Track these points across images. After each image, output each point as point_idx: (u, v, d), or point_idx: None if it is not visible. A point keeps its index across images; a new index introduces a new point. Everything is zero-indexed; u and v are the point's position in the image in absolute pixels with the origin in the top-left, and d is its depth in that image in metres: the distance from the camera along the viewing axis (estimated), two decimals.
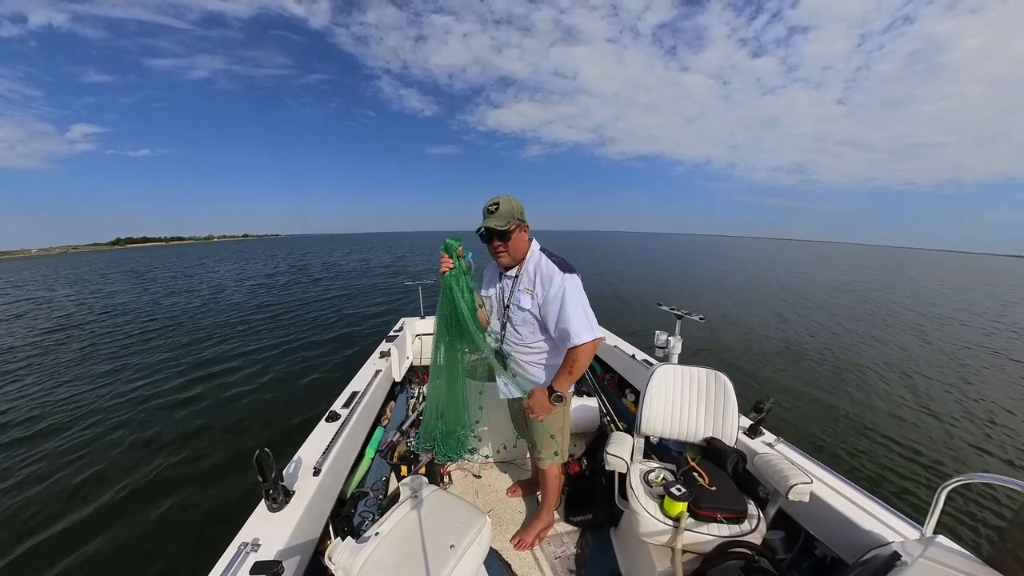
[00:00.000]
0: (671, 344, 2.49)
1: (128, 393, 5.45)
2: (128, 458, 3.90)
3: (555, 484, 1.95)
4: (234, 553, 1.19)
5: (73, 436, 4.30)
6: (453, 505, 1.44)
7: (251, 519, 1.34)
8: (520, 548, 1.95)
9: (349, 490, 1.98)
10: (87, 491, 3.41)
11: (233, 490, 3.37)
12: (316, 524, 1.52)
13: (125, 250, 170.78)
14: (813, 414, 4.90)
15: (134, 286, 17.64)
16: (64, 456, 3.93)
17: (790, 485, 1.39)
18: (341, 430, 1.92)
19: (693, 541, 1.42)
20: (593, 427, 2.72)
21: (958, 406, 5.28)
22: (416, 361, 3.54)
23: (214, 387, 5.60)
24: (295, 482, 1.53)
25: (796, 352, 7.39)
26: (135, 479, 3.56)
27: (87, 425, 4.54)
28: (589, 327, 1.50)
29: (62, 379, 6.08)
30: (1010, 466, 3.98)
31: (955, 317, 11.63)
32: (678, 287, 16.23)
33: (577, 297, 1.52)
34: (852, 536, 1.39)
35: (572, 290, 1.52)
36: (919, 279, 24.09)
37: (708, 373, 1.81)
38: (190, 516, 3.11)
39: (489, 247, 1.62)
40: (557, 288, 1.52)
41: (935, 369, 6.82)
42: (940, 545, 1.12)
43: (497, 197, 1.53)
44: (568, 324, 1.50)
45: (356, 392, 2.33)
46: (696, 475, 1.59)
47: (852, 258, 53.46)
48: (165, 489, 3.43)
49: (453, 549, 1.24)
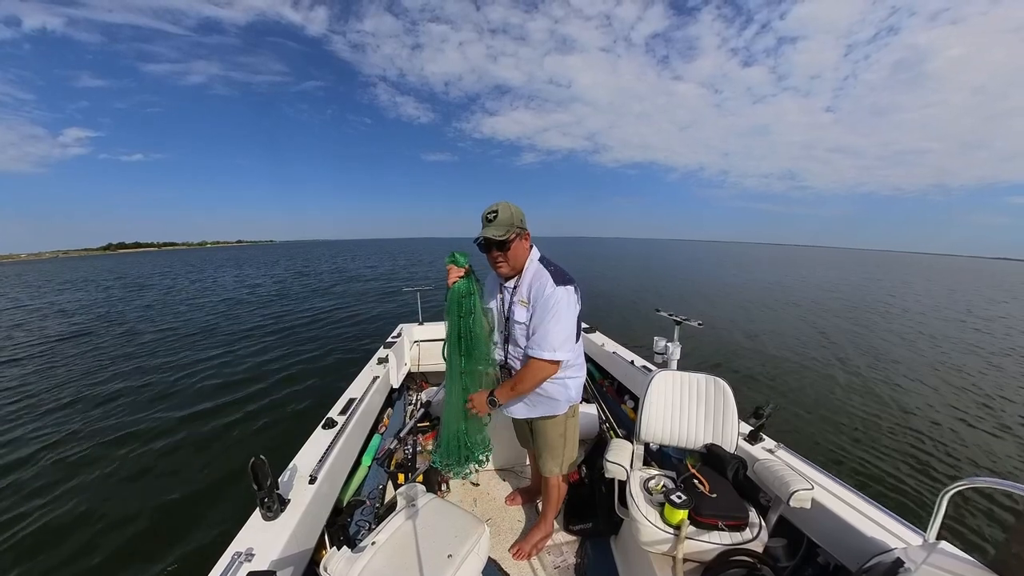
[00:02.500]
0: (670, 350, 2.48)
1: (122, 394, 5.39)
2: (121, 462, 3.84)
3: (556, 493, 1.93)
4: (227, 563, 1.16)
5: (67, 439, 4.25)
6: (451, 514, 1.43)
7: (245, 528, 1.32)
8: (519, 558, 1.93)
9: (345, 498, 1.95)
10: (80, 495, 3.36)
11: (227, 498, 3.32)
12: (311, 533, 1.50)
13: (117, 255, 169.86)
14: (813, 419, 4.88)
15: (129, 292, 17.55)
16: (62, 457, 3.88)
17: (791, 492, 1.38)
18: (338, 437, 1.90)
19: (694, 550, 1.41)
20: (592, 434, 2.70)
21: (959, 408, 5.27)
22: (414, 368, 3.52)
23: (209, 392, 5.54)
24: (290, 490, 1.51)
25: (795, 356, 7.39)
26: (128, 484, 3.51)
27: (78, 427, 4.49)
28: (553, 346, 1.44)
29: (51, 387, 6.02)
30: (1014, 469, 3.98)
31: (953, 319, 11.68)
32: (675, 293, 16.26)
33: (559, 312, 1.46)
34: (855, 543, 1.37)
35: (558, 304, 1.46)
36: (915, 282, 24.22)
37: (707, 379, 1.80)
38: (183, 525, 3.06)
39: (488, 257, 1.58)
40: (545, 298, 1.47)
41: (935, 370, 6.83)
42: (943, 551, 1.11)
43: (496, 204, 1.47)
44: (536, 333, 1.47)
45: (353, 399, 2.30)
46: (696, 482, 1.57)
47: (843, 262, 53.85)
48: (158, 496, 3.37)
49: (451, 559, 1.22)
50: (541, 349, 1.45)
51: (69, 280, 25.69)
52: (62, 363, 7.25)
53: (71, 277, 28.34)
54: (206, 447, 4.18)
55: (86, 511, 3.23)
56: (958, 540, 1.45)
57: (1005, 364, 7.47)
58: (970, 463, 4.07)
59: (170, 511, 3.21)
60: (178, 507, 3.25)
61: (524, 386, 1.53)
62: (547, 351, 1.45)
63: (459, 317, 1.58)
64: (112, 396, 5.57)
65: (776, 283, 20.51)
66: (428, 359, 3.56)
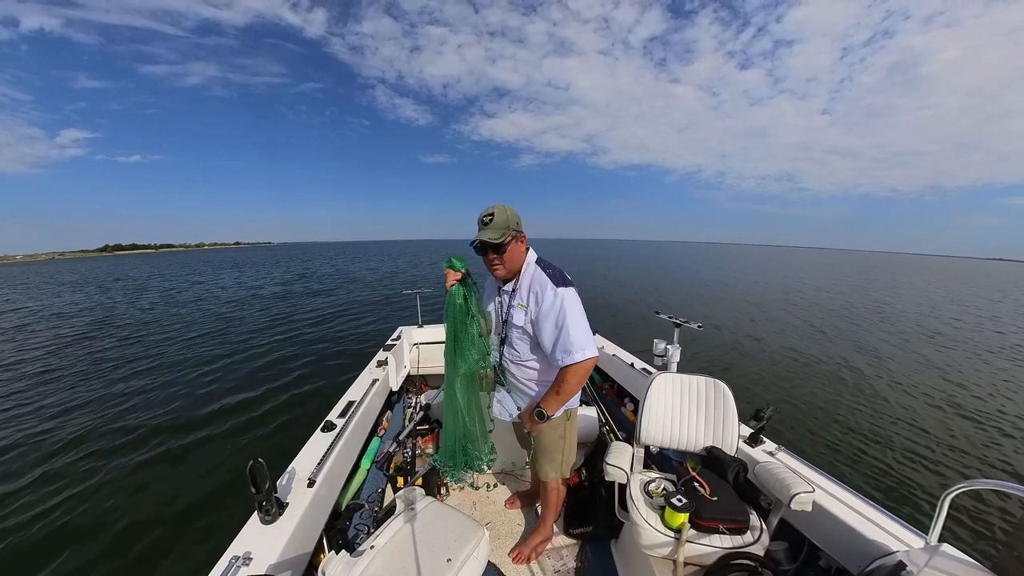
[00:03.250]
0: (670, 352, 2.48)
1: (117, 398, 5.37)
2: (117, 465, 3.82)
3: (556, 497, 1.92)
4: (225, 567, 1.16)
5: (63, 443, 4.23)
6: (450, 517, 1.42)
7: (243, 531, 1.31)
8: (519, 562, 1.91)
9: (344, 502, 1.94)
10: (75, 498, 3.33)
11: (225, 501, 3.30)
12: (310, 537, 1.49)
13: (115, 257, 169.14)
14: (813, 421, 4.87)
15: (128, 295, 17.53)
16: (57, 462, 3.86)
17: (792, 494, 1.37)
18: (337, 440, 1.89)
19: (695, 553, 1.40)
20: (592, 437, 2.69)
21: (959, 410, 5.26)
22: (413, 370, 3.51)
23: (207, 395, 5.52)
24: (289, 493, 1.50)
25: (795, 358, 7.38)
26: (124, 488, 3.48)
27: (75, 430, 4.46)
28: (581, 346, 1.41)
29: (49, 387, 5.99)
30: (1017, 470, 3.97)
31: (951, 319, 11.69)
32: (674, 295, 16.27)
33: (572, 313, 1.44)
34: (856, 546, 1.37)
35: (567, 305, 1.44)
36: (915, 283, 24.28)
37: (707, 381, 1.80)
38: (180, 528, 3.04)
39: (484, 260, 1.58)
40: (550, 304, 1.45)
41: (935, 372, 6.82)
42: (945, 554, 1.10)
43: (492, 207, 1.48)
44: (559, 341, 1.44)
45: (352, 401, 2.30)
46: (697, 485, 1.57)
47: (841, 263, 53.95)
48: (155, 499, 3.36)
49: (450, 563, 1.21)
50: (571, 355, 1.42)
51: (68, 282, 25.67)
52: (58, 368, 7.22)
53: (69, 279, 28.31)
54: (204, 449, 4.15)
55: (81, 514, 3.21)
56: (960, 543, 1.45)
57: (1006, 365, 7.48)
58: (972, 464, 4.06)
59: (167, 514, 3.19)
60: (175, 510, 3.23)
61: (569, 389, 1.48)
62: (577, 353, 1.42)
63: (455, 320, 1.58)
64: (111, 398, 5.55)
65: (775, 284, 20.53)
66: (427, 361, 3.56)
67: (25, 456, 4.09)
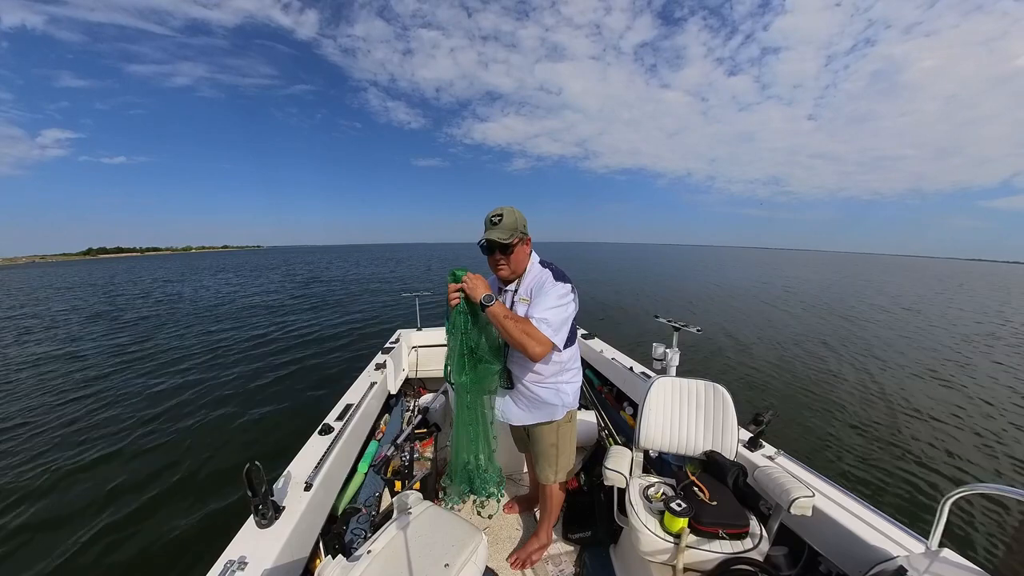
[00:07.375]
0: (669, 356, 2.48)
1: (115, 400, 5.33)
2: (114, 468, 3.79)
3: (555, 501, 1.91)
4: (220, 571, 1.14)
5: (63, 441, 4.19)
6: (448, 522, 1.41)
7: (239, 535, 1.29)
8: (517, 567, 1.90)
9: (341, 506, 1.92)
10: (69, 504, 3.30)
11: (221, 505, 3.27)
12: (306, 541, 1.47)
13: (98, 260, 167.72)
14: (813, 425, 4.86)
15: (123, 300, 17.46)
16: (55, 461, 3.82)
17: (792, 499, 1.36)
18: (334, 444, 1.88)
19: (695, 559, 1.39)
20: (591, 441, 2.68)
21: (960, 412, 5.26)
22: (412, 373, 3.50)
23: (204, 397, 5.48)
24: (285, 497, 1.49)
25: (794, 362, 7.38)
26: (120, 491, 3.45)
27: (71, 434, 4.42)
28: (542, 313, 1.42)
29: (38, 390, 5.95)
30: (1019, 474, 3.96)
31: (949, 320, 11.71)
32: (672, 298, 16.26)
33: (552, 294, 1.48)
34: (856, 551, 1.36)
35: (551, 288, 1.49)
36: (906, 284, 24.30)
37: (706, 385, 1.80)
38: (176, 532, 3.00)
39: (490, 259, 1.59)
40: (542, 286, 1.52)
41: (935, 374, 6.83)
42: (946, 559, 1.10)
43: (500, 208, 1.50)
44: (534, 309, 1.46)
45: (350, 404, 2.29)
46: (696, 490, 1.56)
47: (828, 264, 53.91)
48: (151, 503, 3.33)
49: (448, 568, 1.20)
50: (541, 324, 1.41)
51: (56, 286, 25.56)
52: (46, 377, 7.17)
53: (56, 284, 28.19)
54: (201, 452, 4.12)
55: (74, 515, 3.17)
56: (961, 547, 1.44)
57: (1006, 365, 7.49)
58: (973, 468, 4.05)
59: (162, 518, 3.16)
60: (170, 514, 3.20)
61: (514, 325, 1.39)
62: (538, 314, 1.42)
63: (463, 333, 1.56)
64: (110, 399, 5.52)
65: (772, 286, 20.56)
66: (426, 365, 3.54)
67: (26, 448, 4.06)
